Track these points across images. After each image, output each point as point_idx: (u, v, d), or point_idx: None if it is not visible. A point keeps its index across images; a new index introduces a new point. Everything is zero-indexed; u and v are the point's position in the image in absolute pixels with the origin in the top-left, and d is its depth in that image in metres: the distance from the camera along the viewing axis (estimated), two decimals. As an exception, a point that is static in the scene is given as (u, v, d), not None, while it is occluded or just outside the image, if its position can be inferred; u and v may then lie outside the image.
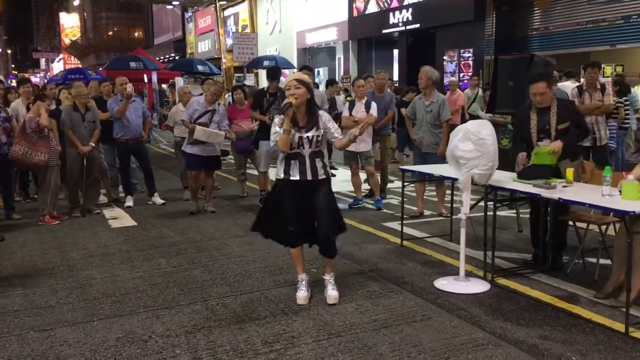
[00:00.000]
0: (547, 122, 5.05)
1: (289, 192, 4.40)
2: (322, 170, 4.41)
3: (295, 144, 4.32)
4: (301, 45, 24.41)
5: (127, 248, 6.19)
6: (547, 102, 5.07)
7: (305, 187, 4.37)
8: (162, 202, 8.41)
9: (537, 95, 5.04)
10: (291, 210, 4.38)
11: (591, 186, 4.71)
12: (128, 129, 7.95)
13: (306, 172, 4.35)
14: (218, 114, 7.60)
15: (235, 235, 6.64)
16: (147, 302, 4.58)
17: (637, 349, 3.61)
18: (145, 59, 18.10)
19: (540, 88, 5.00)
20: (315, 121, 4.35)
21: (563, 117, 5.04)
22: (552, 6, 14.65)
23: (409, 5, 17.63)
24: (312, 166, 4.36)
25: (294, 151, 4.34)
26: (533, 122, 5.12)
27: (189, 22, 36.72)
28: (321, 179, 4.41)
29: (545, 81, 5.04)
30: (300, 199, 4.37)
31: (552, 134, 5.01)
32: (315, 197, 4.38)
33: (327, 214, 4.38)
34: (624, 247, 4.25)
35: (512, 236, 6.36)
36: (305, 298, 4.48)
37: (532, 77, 5.21)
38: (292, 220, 4.37)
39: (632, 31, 12.69)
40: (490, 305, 4.38)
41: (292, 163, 4.36)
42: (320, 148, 4.39)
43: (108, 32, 52.24)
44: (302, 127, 4.33)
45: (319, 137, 4.36)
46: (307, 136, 4.31)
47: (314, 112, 4.38)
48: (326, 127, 4.39)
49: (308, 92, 4.32)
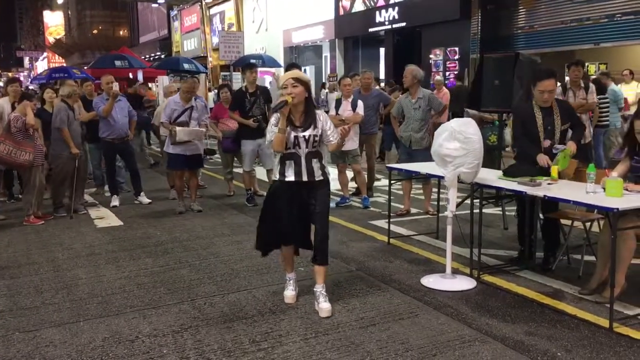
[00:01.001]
0: (550, 122, 4.97)
1: (283, 193, 4.25)
2: (320, 171, 4.24)
3: (291, 143, 4.16)
4: (288, 43, 24.40)
5: (113, 248, 6.15)
6: (551, 101, 4.99)
7: (300, 189, 4.21)
8: (149, 201, 8.37)
9: (546, 93, 4.90)
10: (284, 209, 4.23)
11: (576, 183, 4.75)
12: (114, 128, 7.90)
13: (302, 173, 4.18)
14: (196, 110, 7.57)
15: (223, 234, 6.62)
16: (133, 302, 4.55)
17: (621, 344, 3.65)
18: (130, 58, 17.99)
19: (550, 86, 4.88)
20: (312, 120, 4.20)
21: (565, 117, 5.00)
22: (537, 5, 14.76)
23: (395, 4, 17.71)
24: (309, 167, 4.18)
25: (290, 151, 4.18)
26: (539, 121, 4.99)
27: (174, 21, 36.56)
28: (318, 181, 4.23)
29: (554, 78, 4.94)
30: (294, 201, 4.21)
31: (556, 135, 4.96)
32: (312, 201, 4.22)
33: (324, 219, 4.25)
34: (608, 243, 4.31)
35: (498, 233, 6.40)
36: (293, 297, 4.44)
37: (542, 73, 5.03)
38: (284, 220, 4.24)
39: (616, 30, 12.82)
40: (476, 302, 4.41)
41: (287, 163, 4.20)
42: (318, 148, 4.23)
43: (93, 31, 51.83)
44: (298, 127, 4.18)
45: (316, 137, 4.20)
46: (303, 135, 4.16)
47: (312, 111, 4.23)
48: (324, 127, 4.24)
49: (306, 90, 4.17)
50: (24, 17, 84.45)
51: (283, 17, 24.44)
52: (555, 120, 4.99)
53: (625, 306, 4.19)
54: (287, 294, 4.46)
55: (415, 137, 7.09)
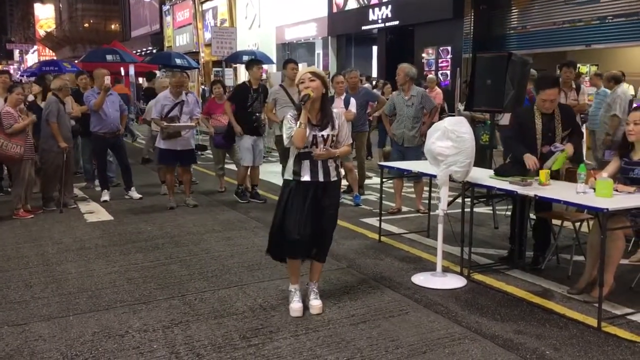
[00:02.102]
0: (551, 128, 4.94)
1: (297, 195, 4.05)
2: (335, 171, 4.14)
3: (309, 142, 4.01)
4: (280, 40, 24.35)
5: (104, 243, 6.12)
6: (553, 108, 4.96)
7: (315, 189, 4.06)
8: (139, 196, 8.33)
9: (548, 102, 4.86)
10: (298, 216, 4.01)
11: (566, 184, 4.78)
12: (106, 122, 7.86)
13: (318, 173, 4.04)
14: (187, 104, 7.55)
15: (214, 230, 6.61)
16: (123, 297, 4.54)
17: (609, 343, 3.68)
18: (122, 52, 17.90)
19: (553, 95, 4.84)
20: (330, 119, 4.06)
21: (566, 123, 4.96)
22: (530, 6, 14.83)
23: (389, 2, 17.71)
24: (325, 167, 4.07)
25: (306, 150, 4.02)
26: (538, 128, 4.97)
27: (166, 15, 36.39)
28: (333, 181, 4.14)
29: (558, 87, 4.89)
30: (308, 203, 4.03)
31: (557, 142, 4.93)
32: (324, 200, 4.09)
33: (334, 220, 4.22)
34: (598, 243, 4.34)
35: (488, 232, 6.43)
36: (300, 310, 4.13)
37: (546, 82, 4.96)
38: (298, 228, 3.99)
39: (607, 32, 12.91)
40: (466, 301, 4.43)
41: (303, 163, 4.04)
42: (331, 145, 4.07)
43: (84, 24, 51.48)
44: (315, 125, 4.02)
45: (334, 137, 4.07)
46: (321, 135, 4.01)
47: (328, 109, 4.10)
48: (340, 127, 4.10)
49: (323, 86, 4.01)
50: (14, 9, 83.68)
51: (276, 14, 24.39)
52: (557, 127, 4.96)
53: (614, 306, 4.23)
54: (294, 306, 4.15)
55: (408, 134, 7.12)
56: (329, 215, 4.14)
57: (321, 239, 4.16)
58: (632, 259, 5.25)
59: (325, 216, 4.11)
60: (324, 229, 4.14)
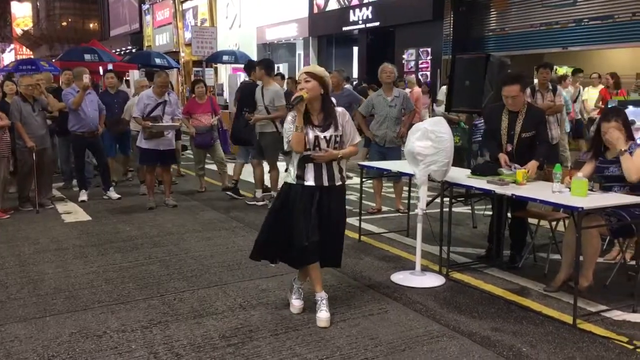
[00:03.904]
0: (513, 127, 4.98)
1: (302, 200, 3.90)
2: (339, 175, 4.00)
3: (311, 144, 3.86)
4: (261, 40, 24.29)
5: (81, 243, 6.06)
6: (519, 106, 4.97)
7: (319, 193, 3.93)
8: (118, 196, 8.26)
9: (509, 98, 4.91)
10: (305, 222, 3.88)
11: (543, 183, 4.84)
12: (85, 121, 7.78)
13: (322, 177, 3.90)
14: (170, 104, 7.52)
15: (194, 230, 6.58)
16: (101, 297, 4.50)
17: (584, 339, 3.74)
18: (100, 51, 17.66)
19: (513, 91, 4.89)
20: (332, 119, 3.90)
21: (530, 125, 4.96)
22: (508, 8, 14.98)
23: (369, 3, 17.76)
24: (329, 170, 3.93)
25: (309, 153, 3.88)
26: (504, 124, 5.03)
27: (146, 15, 36.07)
28: (338, 185, 3.99)
29: (519, 84, 4.93)
30: (318, 206, 3.91)
31: (514, 140, 4.99)
32: (330, 206, 3.95)
33: (342, 226, 4.09)
34: (573, 242, 4.41)
35: (467, 232, 6.49)
36: (327, 320, 3.93)
37: (506, 79, 5.05)
38: (307, 233, 3.86)
39: (584, 34, 13.10)
40: (445, 299, 4.47)
41: (306, 167, 3.90)
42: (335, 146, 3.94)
43: (62, 23, 50.82)
44: (317, 126, 3.89)
45: (338, 138, 3.91)
46: (324, 136, 3.86)
47: (330, 109, 3.94)
48: (344, 127, 3.95)
49: (321, 86, 3.86)
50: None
51: (257, 14, 24.32)
52: (517, 125, 4.98)
53: (588, 303, 4.30)
54: (320, 316, 3.95)
55: (390, 135, 7.16)
56: (336, 220, 4.00)
57: (330, 245, 4.01)
58: (607, 257, 5.34)
59: (332, 221, 3.97)
60: (332, 234, 3.99)
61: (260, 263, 5.26)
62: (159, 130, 7.38)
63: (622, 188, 4.43)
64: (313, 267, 4.01)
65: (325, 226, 3.93)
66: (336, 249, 4.10)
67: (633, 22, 11.96)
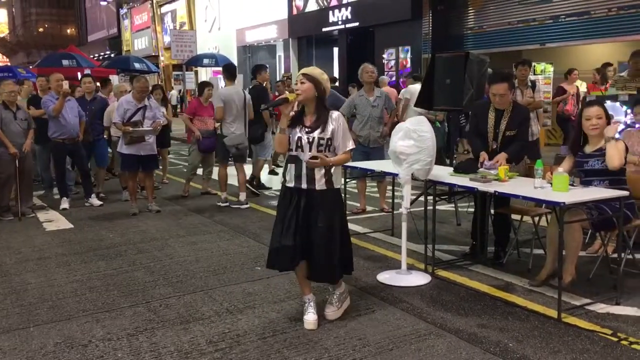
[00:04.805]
0: (498, 125, 5.02)
1: (283, 200, 3.91)
2: (323, 179, 3.81)
3: (294, 144, 3.82)
4: (241, 42, 24.25)
5: (64, 251, 5.99)
6: (505, 104, 5.01)
7: (301, 196, 3.83)
8: (100, 203, 8.19)
9: (497, 96, 4.94)
10: (282, 221, 3.84)
11: (524, 179, 4.88)
12: (65, 128, 7.69)
13: (301, 179, 3.81)
14: (150, 109, 7.47)
15: (178, 235, 6.54)
16: (86, 306, 4.45)
17: (569, 333, 3.78)
18: (78, 57, 17.51)
19: (501, 89, 4.91)
20: (323, 122, 3.82)
21: (514, 123, 5.00)
22: (485, 6, 15.10)
23: (348, 3, 17.80)
24: (309, 173, 3.80)
25: (292, 153, 3.85)
26: (490, 122, 5.06)
27: (124, 19, 35.84)
28: (321, 190, 3.82)
29: (507, 82, 4.97)
30: (295, 209, 3.82)
31: (499, 138, 5.03)
32: (310, 212, 3.82)
33: (325, 237, 3.80)
34: (556, 236, 4.46)
35: (451, 229, 6.53)
36: (314, 322, 3.89)
37: (495, 77, 5.08)
38: (283, 234, 3.81)
39: (561, 31, 13.24)
40: (431, 297, 4.49)
41: (289, 167, 3.87)
42: (325, 153, 3.82)
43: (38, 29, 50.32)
44: (307, 127, 3.82)
45: (322, 141, 3.79)
46: (307, 138, 3.79)
47: (322, 112, 3.84)
48: (335, 132, 3.82)
49: (315, 87, 3.78)
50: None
51: (236, 16, 24.27)
52: (501, 124, 5.03)
53: (572, 297, 4.34)
54: (308, 318, 3.91)
55: (374, 135, 7.18)
56: (318, 229, 3.80)
57: (317, 256, 3.83)
58: (589, 250, 5.40)
59: (314, 229, 3.81)
60: (313, 243, 3.82)
61: (247, 267, 5.29)
62: (139, 135, 7.33)
63: (601, 182, 4.49)
64: (297, 270, 3.95)
65: (308, 234, 3.83)
66: (324, 262, 3.86)
67: (609, 17, 12.12)
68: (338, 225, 3.91)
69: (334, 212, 3.89)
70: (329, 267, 3.90)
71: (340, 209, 4.02)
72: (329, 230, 3.84)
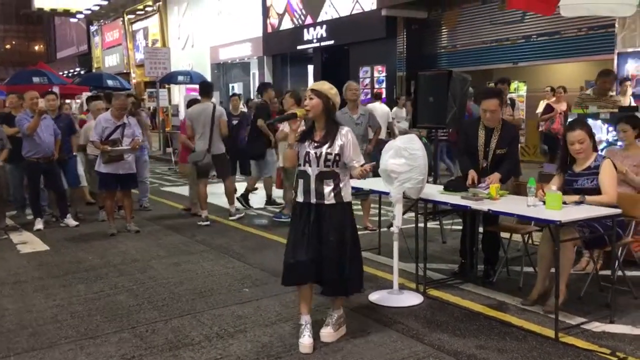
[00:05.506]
0: (488, 143, 5.01)
1: (294, 215, 3.95)
2: (332, 193, 3.81)
3: (302, 160, 3.85)
4: (215, 60, 24.17)
5: (41, 275, 5.77)
6: (496, 121, 5.00)
7: (310, 211, 3.84)
8: (76, 223, 7.95)
9: (488, 112, 4.93)
10: (295, 236, 3.86)
11: (515, 197, 4.86)
12: (40, 147, 7.47)
13: (310, 194, 3.82)
14: (129, 126, 7.32)
15: (159, 256, 6.36)
16: (68, 332, 4.26)
17: (569, 354, 3.74)
18: (49, 74, 17.13)
19: (492, 105, 4.91)
20: (331, 138, 3.81)
21: (504, 141, 4.99)
22: (459, 26, 15.35)
23: (323, 22, 17.90)
24: (318, 188, 3.80)
25: (301, 168, 3.88)
26: (481, 140, 5.05)
27: (94, 36, 35.47)
28: (329, 204, 3.82)
29: (497, 98, 4.97)
30: (305, 224, 3.83)
31: (489, 157, 5.01)
32: (322, 226, 3.82)
33: (337, 250, 3.82)
34: (548, 254, 4.45)
35: (437, 247, 6.48)
36: (310, 346, 3.79)
37: (486, 93, 5.08)
38: (293, 252, 3.83)
39: (532, 50, 13.53)
40: (425, 317, 4.42)
41: (299, 182, 3.90)
42: (333, 168, 3.81)
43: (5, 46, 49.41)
44: (316, 142, 3.83)
45: (330, 156, 3.78)
46: (314, 152, 3.80)
47: (332, 127, 3.84)
48: (344, 147, 3.80)
49: (323, 103, 3.79)
50: None
51: (210, 34, 24.20)
52: (492, 142, 5.02)
53: (567, 315, 4.31)
54: (303, 341, 3.81)
55: None
56: (329, 242, 3.79)
57: (328, 270, 3.83)
58: (575, 268, 5.40)
59: (324, 243, 3.80)
60: (325, 257, 3.81)
61: (234, 288, 5.16)
62: (117, 154, 7.16)
63: (592, 200, 4.49)
64: (302, 288, 3.92)
65: (320, 248, 3.82)
66: (336, 276, 3.85)
67: (578, 37, 12.44)
68: (350, 239, 3.91)
69: (345, 226, 3.89)
70: (341, 281, 3.88)
71: (351, 223, 3.98)
72: (340, 244, 3.84)
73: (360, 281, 4.08)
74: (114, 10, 31.37)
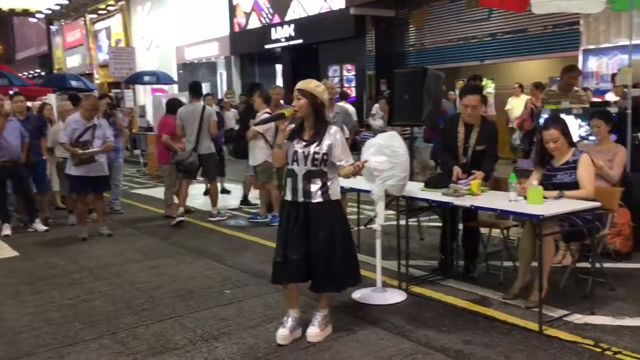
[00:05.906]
0: (468, 139, 5.03)
1: (283, 215, 3.96)
2: (319, 192, 3.82)
3: (290, 158, 3.86)
4: (181, 60, 23.85)
5: (12, 282, 5.58)
6: (476, 117, 5.01)
7: (299, 209, 3.85)
8: (45, 228, 7.73)
9: (469, 108, 4.94)
10: (284, 235, 3.87)
11: (496, 192, 4.88)
12: (7, 150, 7.24)
13: (297, 192, 3.83)
14: (100, 128, 7.14)
15: (135, 259, 6.23)
16: (46, 340, 4.13)
17: (554, 346, 3.79)
18: (10, 75, 16.74)
19: (473, 101, 4.93)
20: (320, 137, 3.82)
21: (484, 138, 5.01)
22: (426, 24, 15.46)
23: (291, 21, 17.81)
24: (305, 186, 3.82)
25: (289, 167, 3.90)
26: (460, 136, 5.06)
27: (55, 36, 34.64)
28: (317, 203, 3.82)
29: (479, 95, 4.99)
30: (294, 222, 3.84)
31: (469, 153, 5.04)
32: (310, 224, 3.83)
33: (324, 245, 3.83)
34: (530, 249, 4.50)
35: (415, 244, 6.49)
36: (285, 337, 3.85)
37: (467, 89, 5.11)
38: (282, 250, 3.85)
39: (499, 47, 13.72)
40: (410, 314, 4.42)
41: (287, 180, 3.92)
42: (321, 167, 3.83)
43: (-39, 46, 47.83)
44: (304, 141, 3.84)
45: (318, 155, 3.80)
46: (302, 151, 3.81)
47: (322, 126, 3.86)
48: (332, 146, 3.82)
49: (310, 103, 3.79)
50: None
51: (175, 33, 23.86)
52: (471, 138, 5.05)
53: (549, 308, 4.35)
54: (278, 332, 3.90)
55: None
56: (318, 240, 3.81)
57: (319, 267, 3.84)
58: (553, 261, 5.48)
59: (313, 241, 3.82)
60: (314, 255, 3.83)
61: (215, 290, 5.08)
62: (88, 156, 6.98)
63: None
64: (288, 285, 3.95)
65: (309, 245, 3.84)
66: (324, 270, 3.87)
67: (544, 34, 12.65)
68: (340, 235, 3.92)
69: (334, 223, 3.90)
70: (330, 276, 3.89)
71: (341, 219, 4.01)
72: (329, 240, 3.85)
73: (355, 275, 4.10)
74: (74, 10, 30.68)
